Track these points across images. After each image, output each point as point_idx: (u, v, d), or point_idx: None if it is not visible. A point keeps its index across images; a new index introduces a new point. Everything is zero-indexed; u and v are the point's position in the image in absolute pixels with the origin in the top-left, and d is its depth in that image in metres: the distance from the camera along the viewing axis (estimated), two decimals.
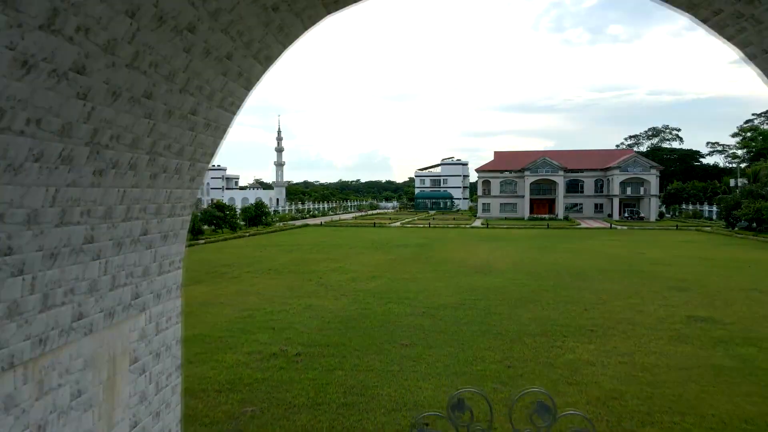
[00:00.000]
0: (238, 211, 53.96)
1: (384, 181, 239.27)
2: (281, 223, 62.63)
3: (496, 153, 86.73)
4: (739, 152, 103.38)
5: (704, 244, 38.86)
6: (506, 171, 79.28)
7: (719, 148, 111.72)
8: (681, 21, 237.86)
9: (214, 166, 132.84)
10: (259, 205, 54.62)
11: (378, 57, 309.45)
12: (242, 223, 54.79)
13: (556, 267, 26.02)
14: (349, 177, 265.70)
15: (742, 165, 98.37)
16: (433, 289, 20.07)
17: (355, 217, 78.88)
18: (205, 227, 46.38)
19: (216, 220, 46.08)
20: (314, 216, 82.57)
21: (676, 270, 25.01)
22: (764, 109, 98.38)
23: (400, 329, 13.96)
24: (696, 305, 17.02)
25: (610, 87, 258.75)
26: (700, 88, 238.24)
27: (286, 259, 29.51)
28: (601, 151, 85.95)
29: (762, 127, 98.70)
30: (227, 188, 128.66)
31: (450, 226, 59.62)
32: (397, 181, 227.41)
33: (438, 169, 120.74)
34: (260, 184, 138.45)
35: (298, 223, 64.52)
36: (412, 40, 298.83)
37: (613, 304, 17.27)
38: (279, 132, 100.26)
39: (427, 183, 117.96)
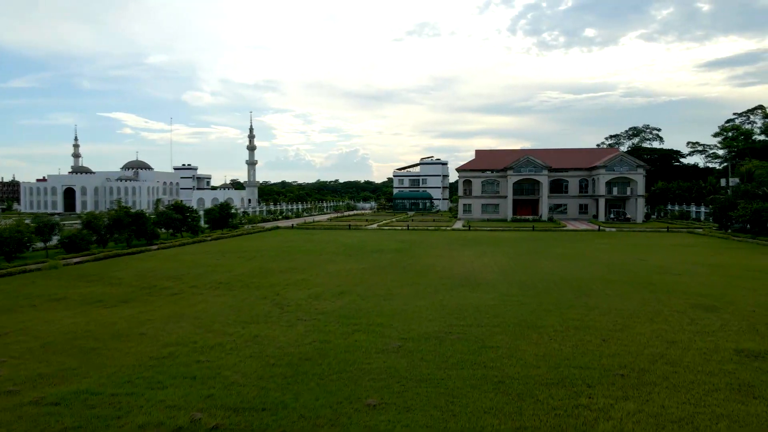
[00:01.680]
0: (201, 213, 49.72)
1: (363, 181, 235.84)
2: (250, 226, 58.51)
3: (477, 152, 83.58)
4: (721, 152, 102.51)
5: (704, 248, 36.06)
6: (488, 170, 76.16)
7: (700, 148, 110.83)
8: (653, 25, 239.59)
9: (183, 165, 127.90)
10: (224, 206, 50.42)
11: (356, 56, 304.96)
12: (205, 226, 50.57)
13: (553, 277, 22.67)
14: (327, 177, 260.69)
15: (724, 165, 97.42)
16: (411, 310, 16.48)
17: (331, 219, 75.04)
18: (162, 231, 42.13)
19: (174, 223, 41.85)
20: (287, 217, 78.51)
21: (689, 281, 21.86)
22: (735, 111, 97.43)
23: (367, 377, 10.33)
24: (737, 332, 13.73)
25: (585, 89, 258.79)
26: (672, 91, 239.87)
27: (244, 269, 25.65)
28: (586, 150, 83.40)
29: (744, 126, 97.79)
30: (198, 188, 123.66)
31: (430, 228, 56.21)
32: (376, 182, 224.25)
33: (417, 169, 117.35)
34: (233, 185, 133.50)
35: (269, 225, 60.43)
36: (388, 40, 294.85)
37: (635, 330, 13.89)
38: (251, 129, 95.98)
39: (406, 183, 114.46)
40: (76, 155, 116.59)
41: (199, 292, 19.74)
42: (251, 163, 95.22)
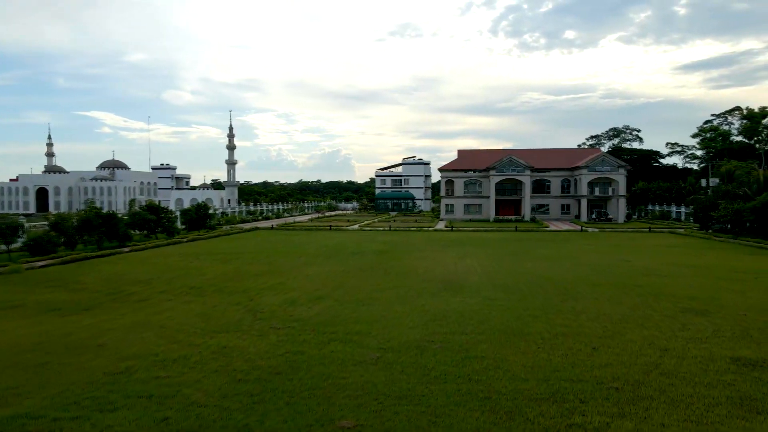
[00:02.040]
0: (177, 214, 48.32)
1: (345, 181, 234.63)
2: (228, 227, 57.19)
3: (459, 151, 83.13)
4: (699, 153, 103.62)
5: (687, 248, 35.86)
6: (470, 170, 75.75)
7: (678, 149, 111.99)
8: (631, 28, 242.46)
9: (162, 164, 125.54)
10: (201, 207, 49.08)
11: (339, 56, 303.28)
12: (182, 226, 49.19)
13: (538, 280, 22.03)
14: (310, 177, 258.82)
15: (702, 165, 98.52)
16: (391, 316, 15.64)
17: (312, 219, 73.92)
18: (136, 232, 40.72)
19: (148, 224, 40.46)
20: (267, 218, 77.19)
21: (676, 283, 21.38)
22: (711, 112, 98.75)
23: (342, 393, 9.46)
24: (731, 338, 13.15)
25: (566, 90, 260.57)
26: (650, 93, 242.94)
27: (218, 273, 24.59)
28: (568, 150, 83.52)
29: (722, 127, 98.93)
30: (177, 188, 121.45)
31: (412, 228, 55.48)
32: (359, 182, 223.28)
33: (399, 169, 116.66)
34: (214, 185, 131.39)
35: (248, 226, 59.14)
36: (371, 41, 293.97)
37: (625, 337, 13.23)
38: (231, 129, 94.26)
39: (388, 183, 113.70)
40: (50, 154, 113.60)
41: (168, 298, 18.67)
42: (231, 163, 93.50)
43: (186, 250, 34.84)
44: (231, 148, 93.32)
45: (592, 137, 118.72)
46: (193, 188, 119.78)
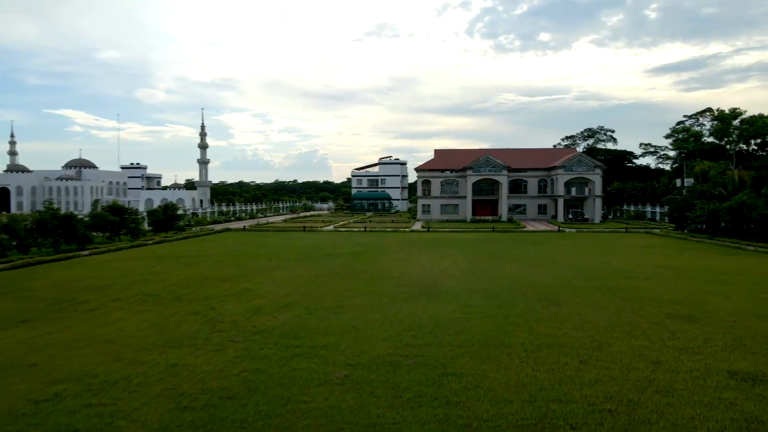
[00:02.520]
0: (143, 214, 46.35)
1: (322, 181, 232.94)
2: (198, 228, 55.28)
3: (436, 151, 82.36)
4: (672, 153, 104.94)
5: (664, 249, 35.50)
6: (447, 170, 75.01)
7: (652, 149, 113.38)
8: (604, 31, 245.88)
9: (132, 164, 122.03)
10: (169, 207, 47.16)
11: (315, 55, 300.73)
12: (149, 228, 47.22)
13: (518, 284, 21.10)
14: (286, 177, 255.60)
15: (675, 166, 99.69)
16: (363, 326, 14.46)
17: (286, 220, 72.27)
18: (98, 234, 38.75)
19: (111, 226, 38.52)
20: (241, 218, 75.25)
21: (659, 287, 20.66)
22: (680, 114, 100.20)
23: (302, 422, 8.26)
24: (724, 348, 12.31)
25: (540, 92, 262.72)
26: (622, 95, 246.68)
27: (180, 278, 23.09)
28: (545, 150, 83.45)
29: (693, 128, 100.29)
30: (148, 188, 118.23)
31: (388, 229, 54.38)
32: (336, 182, 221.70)
33: (376, 169, 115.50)
34: (186, 185, 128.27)
35: (219, 227, 57.29)
36: (348, 41, 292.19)
37: (614, 348, 12.29)
38: (203, 127, 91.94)
39: (365, 183, 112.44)
40: (13, 153, 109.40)
41: (121, 307, 17.17)
42: (203, 162, 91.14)
43: (150, 253, 33.11)
44: (203, 147, 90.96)
45: (567, 137, 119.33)
46: (165, 188, 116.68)
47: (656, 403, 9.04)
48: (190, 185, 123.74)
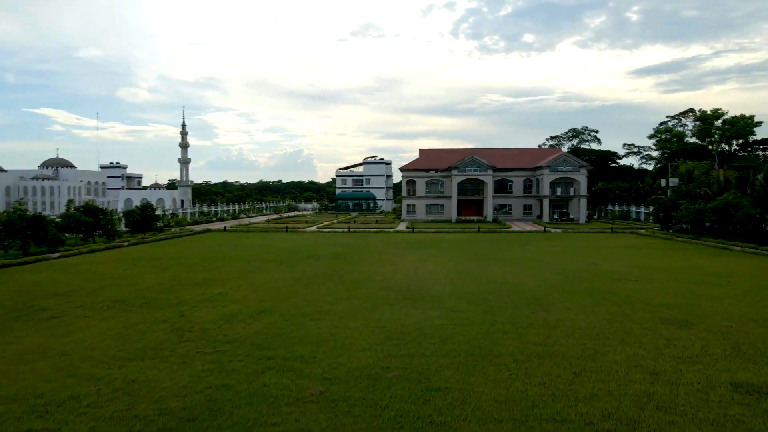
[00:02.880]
0: (120, 215, 44.92)
1: (307, 181, 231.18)
2: (178, 229, 53.87)
3: (421, 151, 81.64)
4: (655, 153, 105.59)
5: (651, 249, 35.10)
6: (432, 170, 74.33)
7: (635, 150, 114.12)
8: (587, 33, 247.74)
9: (112, 163, 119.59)
10: (147, 208, 45.77)
11: (300, 55, 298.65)
12: (125, 229, 45.81)
13: (505, 287, 20.36)
14: (271, 177, 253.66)
15: (658, 166, 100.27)
16: (342, 334, 13.58)
17: (269, 221, 71.01)
18: (71, 236, 37.34)
19: (84, 227, 37.12)
20: (222, 219, 73.82)
21: (649, 289, 20.07)
22: (661, 116, 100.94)
23: None
24: (723, 357, 11.65)
25: (525, 92, 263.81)
26: (605, 96, 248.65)
27: (153, 282, 21.99)
28: (530, 150, 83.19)
29: (676, 129, 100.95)
30: (129, 188, 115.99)
31: (372, 230, 53.50)
32: (321, 182, 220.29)
33: (360, 169, 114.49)
34: (168, 185, 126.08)
35: (199, 228, 55.94)
36: (332, 41, 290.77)
37: (608, 358, 11.56)
38: (184, 126, 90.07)
39: (349, 183, 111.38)
40: None
41: (85, 315, 16.08)
42: (184, 162, 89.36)
43: (124, 256, 31.85)
44: (184, 146, 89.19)
45: (551, 138, 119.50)
46: (145, 188, 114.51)
47: (658, 421, 8.30)
48: (172, 185, 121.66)
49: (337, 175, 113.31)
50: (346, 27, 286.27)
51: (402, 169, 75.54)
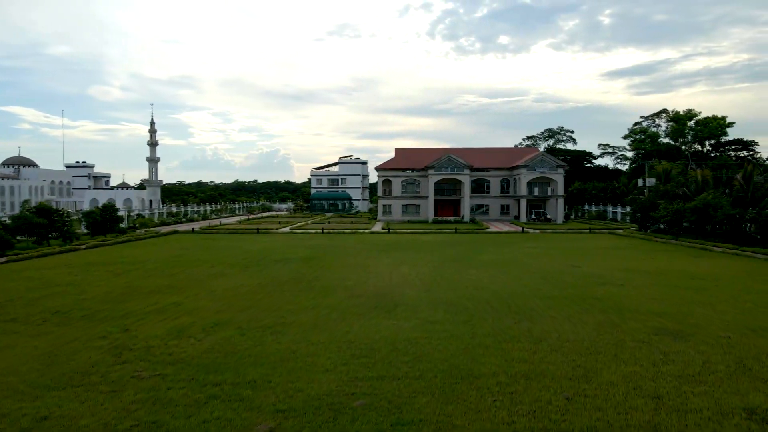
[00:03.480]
0: (79, 216, 42.47)
1: (283, 181, 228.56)
2: (143, 230, 51.48)
3: (397, 150, 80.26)
4: (630, 154, 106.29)
5: (631, 251, 34.26)
6: (408, 170, 72.98)
7: (610, 150, 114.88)
8: (561, 35, 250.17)
9: (78, 162, 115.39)
10: (108, 208, 43.38)
11: (276, 54, 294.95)
12: (85, 231, 43.37)
13: (485, 294, 19.04)
14: (248, 178, 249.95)
15: (633, 166, 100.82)
16: (304, 351, 12.03)
17: (240, 221, 68.83)
18: (23, 239, 34.91)
19: (37, 229, 34.74)
20: (192, 220, 71.32)
21: (636, 294, 18.96)
22: (633, 117, 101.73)
23: None
24: (728, 375, 10.46)
25: (500, 93, 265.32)
26: (578, 97, 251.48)
27: (102, 290, 20.08)
28: (507, 150, 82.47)
29: (650, 129, 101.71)
30: (96, 188, 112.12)
31: (347, 231, 51.91)
32: (297, 182, 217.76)
33: (336, 168, 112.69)
34: (140, 185, 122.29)
35: (166, 229, 53.59)
36: (309, 40, 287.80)
37: (602, 377, 10.25)
38: (152, 123, 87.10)
39: (324, 183, 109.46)
40: None
41: (15, 330, 14.21)
42: (153, 161, 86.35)
43: (79, 260, 29.69)
44: (153, 144, 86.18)
45: (528, 138, 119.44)
46: (113, 188, 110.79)
47: None
48: (144, 186, 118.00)
49: (312, 175, 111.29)
50: (323, 26, 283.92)
51: (378, 169, 74.05)
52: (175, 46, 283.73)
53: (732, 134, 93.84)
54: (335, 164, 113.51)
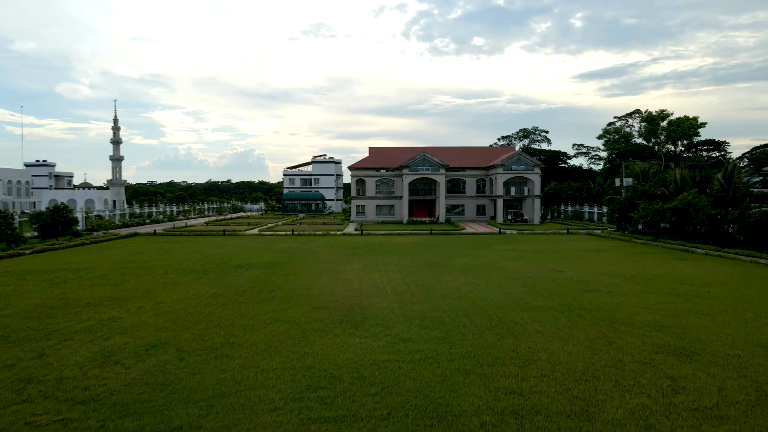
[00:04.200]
0: (21, 218, 39.46)
1: (257, 181, 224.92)
2: (101, 232, 48.50)
3: (371, 149, 78.25)
4: (604, 154, 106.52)
5: (613, 253, 33.01)
6: (383, 169, 71.08)
7: (584, 150, 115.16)
8: (534, 37, 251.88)
9: (38, 161, 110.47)
10: (60, 209, 40.40)
11: (250, 53, 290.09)
12: (34, 234, 40.36)
13: (463, 304, 17.28)
14: (222, 177, 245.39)
15: (607, 166, 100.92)
16: (251, 382, 10.05)
17: (208, 223, 66.04)
18: None
19: None
20: (158, 221, 68.18)
21: (626, 304, 17.43)
22: (604, 119, 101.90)
23: None
24: (748, 405, 8.87)
25: (475, 94, 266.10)
26: (551, 99, 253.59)
27: (31, 303, 17.70)
28: (483, 149, 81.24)
29: (624, 129, 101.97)
30: (57, 188, 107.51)
31: (318, 233, 49.77)
32: (272, 182, 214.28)
33: (309, 168, 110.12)
34: (92, 185, 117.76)
35: (125, 231, 50.63)
36: (284, 39, 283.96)
37: (606, 415, 8.52)
38: (116, 120, 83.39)
39: (297, 183, 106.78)
40: None
41: None
42: (116, 160, 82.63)
43: (16, 267, 27.00)
44: (116, 142, 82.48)
45: (503, 137, 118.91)
46: (75, 188, 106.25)
47: None
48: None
49: (284, 175, 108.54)
50: (298, 26, 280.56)
51: (351, 168, 71.99)
52: (146, 44, 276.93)
53: (704, 135, 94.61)
54: (308, 164, 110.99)
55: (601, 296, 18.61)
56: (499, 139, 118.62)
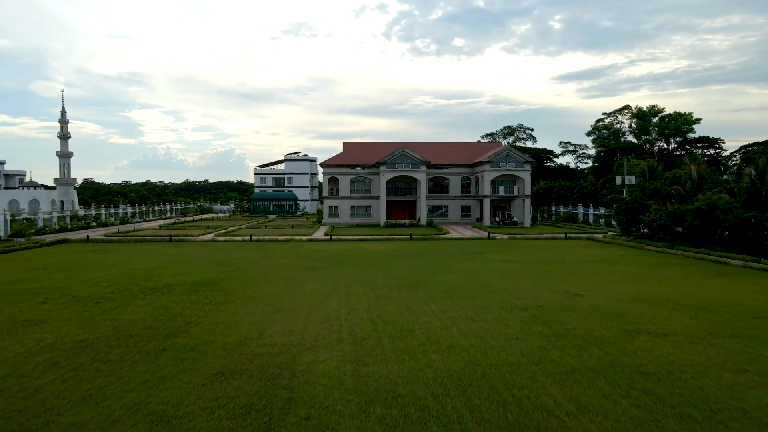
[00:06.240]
0: None
1: (236, 181, 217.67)
2: (24, 239, 41.35)
3: (345, 144, 71.60)
4: (592, 152, 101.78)
5: (631, 266, 27.06)
6: (358, 166, 64.54)
7: (571, 148, 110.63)
8: (513, 39, 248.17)
9: None
10: None
11: (230, 52, 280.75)
12: None
13: (454, 366, 11.06)
14: (202, 177, 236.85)
15: (595, 164, 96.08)
16: None
17: (161, 226, 58.98)
18: None
19: None
20: (106, 224, 60.93)
21: (702, 361, 11.39)
22: (582, 120, 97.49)
23: None
24: None
25: (456, 95, 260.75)
26: (531, 100, 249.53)
27: None
28: (468, 144, 75.10)
29: (614, 126, 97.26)
30: (7, 187, 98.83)
31: (281, 238, 43.15)
32: (250, 182, 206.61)
33: (282, 166, 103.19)
34: (39, 184, 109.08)
35: (52, 237, 43.38)
36: (264, 38, 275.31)
37: None
38: (63, 113, 75.54)
39: (269, 182, 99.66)
40: None
41: None
42: (63, 156, 74.81)
43: None
44: (64, 137, 74.67)
45: (487, 135, 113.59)
46: (20, 188, 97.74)
47: None
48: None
49: (255, 174, 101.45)
50: (278, 25, 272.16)
51: (323, 165, 65.34)
52: (124, 42, 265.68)
53: (698, 131, 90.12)
54: (281, 161, 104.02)
55: (658, 344, 12.53)
56: (483, 137, 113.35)
